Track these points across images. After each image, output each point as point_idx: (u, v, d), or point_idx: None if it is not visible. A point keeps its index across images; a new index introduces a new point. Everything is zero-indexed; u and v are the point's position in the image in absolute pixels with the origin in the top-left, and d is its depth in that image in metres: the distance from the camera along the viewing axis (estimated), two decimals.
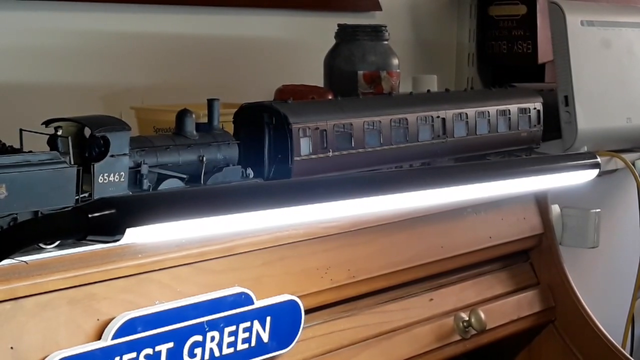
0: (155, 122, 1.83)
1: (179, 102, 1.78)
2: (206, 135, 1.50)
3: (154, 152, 1.42)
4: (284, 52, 2.43)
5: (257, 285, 1.40)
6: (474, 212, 1.85)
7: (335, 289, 1.56)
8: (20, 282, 1.16)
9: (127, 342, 1.24)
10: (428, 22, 2.88)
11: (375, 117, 1.72)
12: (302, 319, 1.45)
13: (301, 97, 1.83)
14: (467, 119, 1.91)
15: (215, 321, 1.34)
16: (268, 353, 1.42)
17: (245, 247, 1.42)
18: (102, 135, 1.33)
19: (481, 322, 1.78)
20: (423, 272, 1.75)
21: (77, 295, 1.22)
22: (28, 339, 1.17)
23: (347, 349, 1.59)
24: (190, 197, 1.03)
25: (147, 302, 1.28)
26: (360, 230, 1.60)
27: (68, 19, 2.04)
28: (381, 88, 2.08)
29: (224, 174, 1.50)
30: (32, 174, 1.22)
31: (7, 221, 1.20)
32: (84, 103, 1.95)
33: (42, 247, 1.25)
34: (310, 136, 1.60)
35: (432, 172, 1.49)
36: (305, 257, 1.51)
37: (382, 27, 2.13)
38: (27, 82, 1.96)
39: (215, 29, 2.30)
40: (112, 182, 1.33)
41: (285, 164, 1.57)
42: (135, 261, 1.28)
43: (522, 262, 2.03)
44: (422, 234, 1.74)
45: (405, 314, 1.71)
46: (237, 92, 1.98)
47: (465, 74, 2.95)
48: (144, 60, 2.16)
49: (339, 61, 2.11)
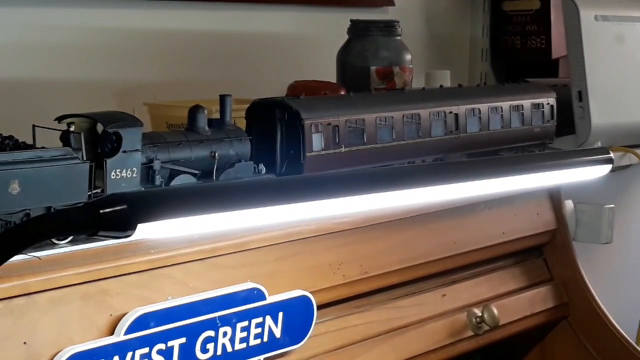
0: (168, 118, 1.83)
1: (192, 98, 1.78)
2: (218, 131, 1.51)
3: (166, 148, 1.42)
4: (297, 47, 2.42)
5: (269, 281, 1.40)
6: (487, 207, 1.85)
7: (347, 284, 1.56)
8: (34, 278, 1.17)
9: (139, 337, 1.24)
10: (441, 17, 2.87)
11: (387, 112, 1.72)
12: (315, 314, 1.45)
13: (313, 92, 1.83)
14: (480, 114, 1.91)
15: (228, 317, 1.34)
16: (280, 348, 1.42)
17: (258, 243, 1.42)
18: (115, 131, 1.33)
19: (494, 317, 1.77)
20: (436, 268, 1.75)
21: (90, 291, 1.22)
22: (41, 334, 1.18)
23: (359, 345, 1.59)
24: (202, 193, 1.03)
25: (159, 297, 1.28)
26: (373, 226, 1.60)
27: (81, 15, 2.04)
28: (394, 84, 2.07)
29: (236, 170, 1.50)
30: (45, 170, 1.22)
31: (20, 217, 1.21)
32: (97, 99, 1.95)
33: (55, 242, 1.25)
34: (323, 132, 1.60)
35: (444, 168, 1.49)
36: (318, 252, 1.51)
37: (395, 22, 2.13)
38: (40, 79, 1.97)
39: (228, 25, 2.30)
40: (125, 178, 1.33)
41: (297, 159, 1.57)
42: (148, 257, 1.28)
43: (535, 258, 2.03)
44: (435, 229, 1.73)
45: (418, 310, 1.71)
46: (249, 88, 1.98)
47: (479, 70, 2.94)
48: (157, 56, 2.17)
49: (351, 57, 2.10)
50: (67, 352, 1.18)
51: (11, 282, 1.14)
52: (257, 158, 1.54)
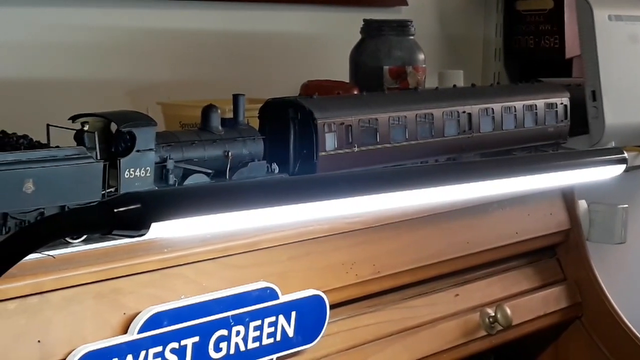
0: (181, 117, 1.83)
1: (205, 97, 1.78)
2: (231, 131, 1.51)
3: (179, 148, 1.42)
4: (310, 47, 2.43)
5: (282, 280, 1.41)
6: (500, 207, 1.85)
7: (360, 284, 1.56)
8: (47, 276, 1.17)
9: (153, 336, 1.25)
10: (454, 16, 2.87)
11: (400, 112, 1.71)
12: (327, 314, 1.45)
13: (326, 92, 1.83)
14: (493, 114, 1.90)
15: (241, 316, 1.35)
16: (293, 348, 1.42)
17: (270, 242, 1.42)
18: (129, 131, 1.33)
19: (507, 317, 1.77)
20: (448, 268, 1.75)
21: (103, 290, 1.23)
22: (55, 333, 1.18)
23: (371, 344, 1.59)
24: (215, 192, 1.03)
25: (172, 296, 1.29)
26: (385, 226, 1.60)
27: (95, 15, 2.05)
28: (407, 83, 2.07)
29: (249, 169, 1.50)
30: (59, 169, 1.23)
31: (34, 215, 1.21)
32: (111, 98, 1.96)
33: (69, 241, 1.26)
34: (336, 131, 1.60)
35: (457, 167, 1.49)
36: (330, 252, 1.51)
37: (408, 22, 2.13)
38: (54, 78, 1.98)
39: (241, 24, 2.30)
40: (138, 177, 1.33)
41: (310, 159, 1.57)
42: (161, 256, 1.28)
43: (548, 258, 2.03)
44: (448, 229, 1.73)
45: (431, 310, 1.71)
46: (262, 87, 1.98)
47: (492, 69, 2.94)
48: (170, 56, 2.17)
49: (364, 56, 2.10)
50: (81, 350, 1.18)
51: (25, 281, 1.14)
52: (270, 157, 1.54)
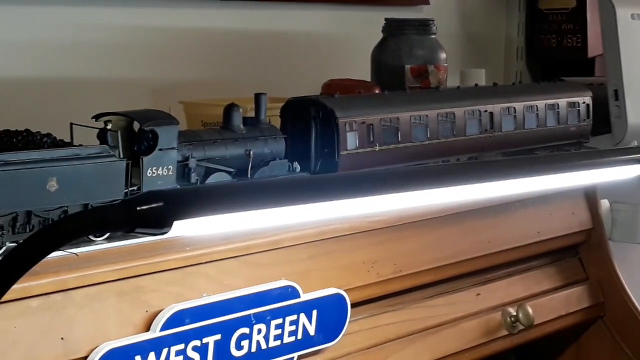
0: (203, 116, 1.84)
1: (227, 96, 1.79)
2: (253, 130, 1.51)
3: (201, 146, 1.43)
4: (331, 46, 2.43)
5: (303, 279, 1.41)
6: (521, 206, 1.84)
7: (381, 283, 1.56)
8: (70, 274, 1.18)
9: (175, 333, 1.25)
10: (476, 15, 2.86)
11: (422, 111, 1.71)
12: (349, 312, 1.46)
13: (348, 91, 1.83)
14: (515, 113, 1.90)
15: (262, 314, 1.35)
16: (314, 346, 1.43)
17: (291, 241, 1.42)
18: (151, 129, 1.34)
19: (529, 317, 1.77)
20: (470, 267, 1.74)
21: (125, 287, 1.23)
22: (78, 330, 1.19)
23: (392, 343, 1.59)
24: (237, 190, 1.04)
25: (194, 294, 1.29)
26: (407, 225, 1.60)
27: (118, 14, 2.06)
28: (428, 82, 2.07)
29: (271, 168, 1.50)
30: (82, 168, 1.24)
31: (57, 214, 1.22)
32: (133, 97, 1.97)
33: (92, 239, 1.27)
34: (357, 130, 1.60)
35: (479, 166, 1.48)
36: (351, 251, 1.52)
37: (430, 21, 2.12)
38: (78, 77, 1.99)
39: (263, 23, 2.31)
40: (161, 175, 1.34)
41: (331, 158, 1.57)
42: (183, 254, 1.29)
43: (570, 257, 2.02)
44: (469, 228, 1.73)
45: (452, 309, 1.71)
46: (284, 86, 1.99)
47: (514, 68, 2.93)
48: (193, 55, 2.18)
49: (386, 55, 2.10)
50: (104, 348, 1.19)
51: (48, 279, 1.15)
52: (291, 156, 1.55)
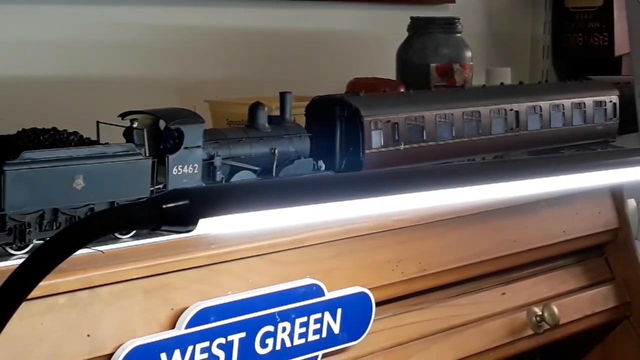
0: (229, 115, 1.85)
1: (252, 95, 1.79)
2: (278, 128, 1.52)
3: (227, 145, 1.43)
4: (357, 45, 2.43)
5: (327, 277, 1.41)
6: (547, 206, 1.83)
7: (405, 281, 1.56)
8: (97, 272, 1.19)
9: (200, 331, 1.26)
10: (502, 14, 2.85)
11: (447, 110, 1.71)
12: (373, 311, 1.46)
13: (373, 90, 1.83)
14: (541, 112, 1.89)
15: (287, 312, 1.35)
16: (339, 344, 1.43)
17: (316, 239, 1.42)
18: (177, 128, 1.35)
19: (554, 316, 1.76)
20: (495, 266, 1.74)
21: (151, 285, 1.24)
22: (104, 327, 1.20)
23: (417, 342, 1.59)
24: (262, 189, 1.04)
25: (219, 292, 1.30)
26: (432, 224, 1.60)
27: (144, 13, 2.07)
28: (454, 81, 2.06)
29: (296, 167, 1.51)
30: (109, 166, 1.25)
31: (84, 211, 1.23)
32: (159, 96, 1.98)
33: (118, 237, 1.27)
34: (382, 129, 1.60)
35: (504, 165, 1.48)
36: (376, 249, 1.52)
37: (455, 19, 2.12)
38: (104, 76, 2.00)
39: (288, 22, 2.31)
40: (186, 173, 1.35)
41: (356, 156, 1.57)
42: (208, 252, 1.30)
43: (596, 257, 2.01)
44: (495, 227, 1.72)
45: (477, 308, 1.70)
46: (309, 85, 1.99)
47: (540, 67, 2.92)
48: (218, 54, 2.19)
49: (411, 54, 2.10)
50: (130, 345, 1.20)
51: (75, 276, 1.16)
52: (316, 155, 1.55)
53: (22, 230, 1.18)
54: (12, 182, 1.16)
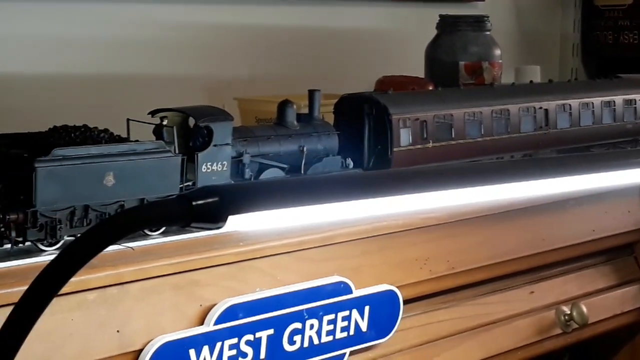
0: (257, 112, 1.85)
1: (281, 93, 1.80)
2: (307, 126, 1.52)
3: (255, 142, 1.44)
4: (385, 43, 2.43)
5: (355, 275, 1.41)
6: (576, 204, 1.82)
7: (434, 280, 1.56)
8: (127, 268, 1.19)
9: (228, 327, 1.26)
10: (531, 12, 2.84)
11: (476, 108, 1.71)
12: (401, 309, 1.46)
13: (401, 88, 1.83)
14: (570, 110, 1.88)
15: (315, 309, 1.36)
16: (366, 342, 1.43)
17: (344, 237, 1.42)
18: (206, 125, 1.35)
19: (583, 316, 1.75)
20: (524, 265, 1.73)
21: (180, 281, 1.25)
22: (134, 323, 1.21)
23: (445, 340, 1.58)
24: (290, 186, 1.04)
25: (248, 289, 1.30)
26: (460, 222, 1.60)
27: (173, 12, 2.08)
28: (483, 79, 2.06)
29: (324, 164, 1.51)
30: (139, 163, 1.25)
31: (114, 208, 1.24)
32: (189, 94, 1.99)
33: (148, 233, 1.28)
34: (410, 127, 1.60)
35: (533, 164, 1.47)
36: (404, 247, 1.52)
37: (484, 17, 2.11)
38: (134, 74, 2.01)
39: (317, 20, 2.31)
40: (215, 171, 1.35)
41: (384, 154, 1.58)
42: (237, 249, 1.30)
43: (626, 256, 1.99)
44: (523, 226, 1.72)
45: (506, 307, 1.70)
46: (337, 83, 1.99)
47: (570, 65, 2.90)
48: (247, 52, 2.19)
49: (440, 52, 2.10)
50: (159, 341, 1.20)
51: (105, 272, 1.17)
52: (344, 152, 1.55)
53: (53, 226, 1.19)
54: (44, 178, 1.17)
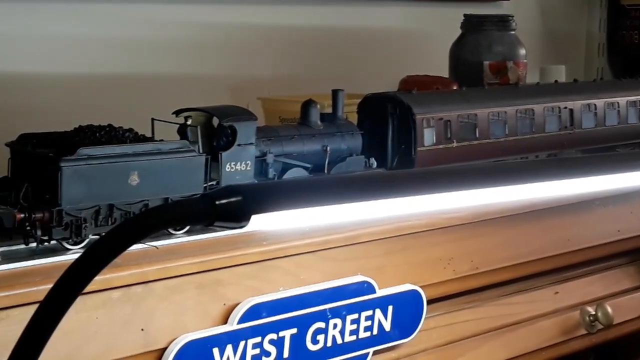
0: (281, 112, 1.85)
1: (304, 92, 1.80)
2: (330, 126, 1.52)
3: (279, 142, 1.44)
4: (409, 42, 2.42)
5: (379, 275, 1.41)
6: (602, 205, 1.81)
7: (457, 280, 1.55)
8: (151, 267, 1.20)
9: (252, 327, 1.27)
10: (556, 11, 2.82)
11: (500, 107, 1.70)
12: (425, 309, 1.45)
13: (425, 87, 1.83)
14: (595, 110, 1.87)
15: (338, 309, 1.36)
16: (390, 342, 1.43)
17: (368, 237, 1.42)
18: (230, 125, 1.36)
19: (608, 316, 1.74)
20: (548, 265, 1.72)
21: (204, 280, 1.25)
22: (158, 322, 1.21)
23: (469, 341, 1.58)
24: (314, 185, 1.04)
25: (271, 288, 1.31)
26: (484, 222, 1.59)
27: (198, 12, 2.09)
28: (507, 79, 2.05)
29: (348, 164, 1.51)
30: (163, 162, 1.26)
31: (138, 207, 1.25)
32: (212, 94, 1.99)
33: (172, 232, 1.29)
34: (434, 126, 1.59)
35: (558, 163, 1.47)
36: (428, 247, 1.51)
37: (509, 16, 2.11)
38: (158, 74, 2.02)
39: (341, 20, 2.31)
40: (239, 170, 1.36)
41: (408, 154, 1.57)
42: (260, 248, 1.30)
43: None
44: (548, 226, 1.71)
45: (530, 307, 1.69)
46: (361, 82, 1.99)
47: (595, 65, 2.89)
48: (271, 51, 2.20)
49: (464, 51, 2.09)
50: (183, 339, 1.21)
51: (130, 271, 1.18)
52: (368, 152, 1.55)
53: (78, 225, 1.20)
54: (69, 178, 1.18)
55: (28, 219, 1.17)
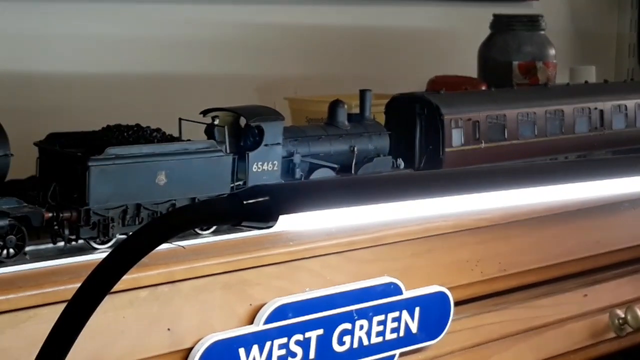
0: (308, 112, 1.85)
1: (332, 92, 1.79)
2: (358, 126, 1.52)
3: (306, 142, 1.44)
4: (437, 42, 2.41)
5: (405, 276, 1.40)
6: (631, 206, 1.80)
7: (485, 281, 1.54)
8: (178, 266, 1.20)
9: (278, 327, 1.27)
10: (587, 11, 2.80)
11: (529, 108, 1.69)
12: (452, 310, 1.45)
13: (454, 88, 1.82)
14: (626, 110, 1.86)
15: (364, 310, 1.35)
16: (416, 343, 1.42)
17: (394, 238, 1.42)
18: (257, 125, 1.36)
19: (638, 319, 1.72)
20: (577, 267, 1.71)
21: (231, 280, 1.25)
22: (184, 321, 1.21)
23: (496, 343, 1.57)
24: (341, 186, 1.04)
25: (297, 288, 1.30)
26: (512, 223, 1.58)
27: (225, 11, 2.09)
28: (537, 79, 2.04)
29: (375, 164, 1.51)
30: (190, 162, 1.26)
31: (166, 207, 1.25)
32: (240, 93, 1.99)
33: (199, 232, 1.29)
34: (462, 127, 1.59)
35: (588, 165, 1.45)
36: (455, 248, 1.50)
37: (539, 16, 2.09)
38: (186, 73, 2.03)
39: (368, 20, 2.31)
40: (266, 170, 1.36)
41: (436, 155, 1.57)
42: (287, 249, 1.30)
43: None
44: (577, 228, 1.70)
45: (558, 310, 1.68)
46: (389, 83, 1.99)
47: (626, 65, 2.86)
48: (298, 51, 2.20)
49: (493, 51, 2.08)
50: (209, 339, 1.21)
51: (157, 270, 1.18)
52: (395, 153, 1.54)
53: (105, 224, 1.21)
54: (97, 177, 1.18)
55: (56, 218, 1.18)
